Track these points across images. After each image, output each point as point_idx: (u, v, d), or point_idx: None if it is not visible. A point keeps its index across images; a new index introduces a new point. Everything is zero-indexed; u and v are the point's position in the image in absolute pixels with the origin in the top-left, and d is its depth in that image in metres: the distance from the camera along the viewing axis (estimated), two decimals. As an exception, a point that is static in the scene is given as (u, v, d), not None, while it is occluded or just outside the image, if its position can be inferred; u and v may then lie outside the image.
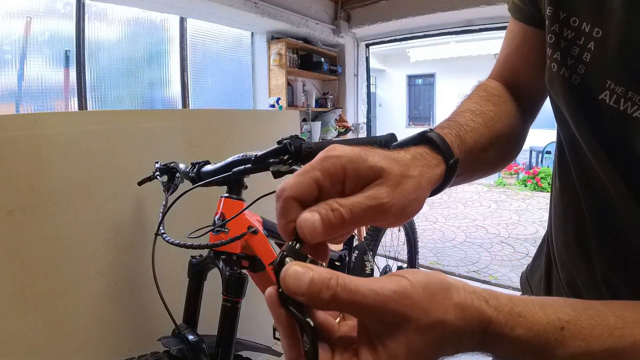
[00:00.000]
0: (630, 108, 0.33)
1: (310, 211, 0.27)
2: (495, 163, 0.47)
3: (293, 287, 0.24)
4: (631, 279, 0.38)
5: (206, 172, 0.99)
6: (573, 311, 0.27)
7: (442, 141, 0.35)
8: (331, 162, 0.28)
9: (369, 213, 0.28)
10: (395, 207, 0.29)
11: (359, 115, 5.02)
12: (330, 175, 0.28)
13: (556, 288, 0.50)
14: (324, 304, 0.23)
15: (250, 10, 3.31)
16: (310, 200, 0.28)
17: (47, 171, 1.13)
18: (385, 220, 0.29)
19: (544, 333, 0.26)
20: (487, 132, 0.42)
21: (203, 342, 0.95)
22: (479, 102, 0.46)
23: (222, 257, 0.98)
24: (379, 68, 10.05)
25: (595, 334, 0.26)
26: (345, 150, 0.29)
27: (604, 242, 0.40)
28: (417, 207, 0.31)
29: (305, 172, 0.28)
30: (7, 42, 2.29)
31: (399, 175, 0.30)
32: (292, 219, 0.28)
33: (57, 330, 1.15)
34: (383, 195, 0.28)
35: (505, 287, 2.72)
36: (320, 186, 0.28)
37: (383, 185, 0.29)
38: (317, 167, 0.28)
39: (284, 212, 0.28)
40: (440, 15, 3.85)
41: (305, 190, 0.28)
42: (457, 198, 5.72)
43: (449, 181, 0.36)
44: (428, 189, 0.33)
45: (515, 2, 0.49)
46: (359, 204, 0.28)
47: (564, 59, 0.39)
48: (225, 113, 1.96)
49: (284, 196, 0.28)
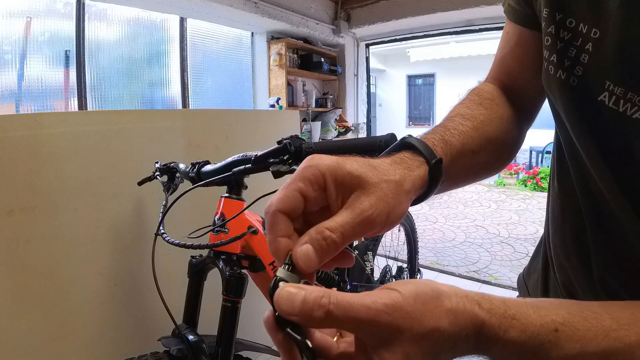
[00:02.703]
0: (630, 109, 0.32)
1: (303, 243, 0.27)
2: (488, 166, 0.47)
3: (286, 308, 0.24)
4: (628, 281, 0.38)
5: (206, 172, 0.99)
6: (567, 313, 0.27)
7: (421, 144, 0.36)
8: (310, 171, 0.29)
9: (357, 230, 0.28)
10: (379, 217, 0.29)
11: (359, 115, 5.02)
12: (312, 183, 0.29)
13: (553, 289, 0.50)
14: (318, 322, 0.24)
15: (250, 10, 3.31)
16: (298, 212, 0.29)
17: (47, 171, 1.13)
18: (372, 230, 0.30)
19: (538, 335, 0.26)
20: (476, 135, 0.43)
21: (203, 342, 0.95)
22: (470, 106, 0.46)
23: (222, 257, 0.98)
24: (379, 68, 10.04)
25: (590, 335, 0.26)
26: (322, 158, 0.30)
27: (601, 244, 0.40)
28: (401, 211, 0.31)
29: (288, 184, 0.29)
30: (7, 42, 2.29)
31: (377, 182, 0.30)
32: (280, 233, 0.28)
33: (57, 330, 1.15)
34: (366, 208, 0.29)
35: (505, 287, 2.72)
36: (305, 196, 0.29)
37: (363, 196, 0.29)
38: (298, 178, 0.29)
39: (272, 226, 0.28)
40: (440, 15, 3.85)
41: (292, 202, 0.28)
42: (457, 198, 5.72)
43: (436, 183, 0.35)
44: (412, 192, 0.33)
45: (511, 3, 0.49)
46: (348, 224, 0.28)
47: (561, 60, 0.38)
48: (225, 113, 1.96)
49: (271, 211, 0.28)
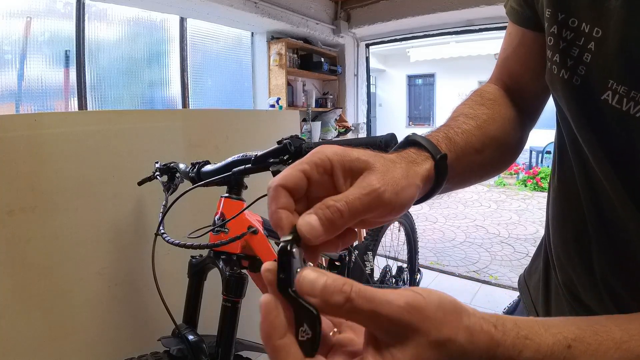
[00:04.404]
0: (633, 108, 0.33)
1: (307, 214, 0.27)
2: (492, 165, 0.48)
3: (307, 287, 0.24)
4: (630, 281, 0.38)
5: (206, 172, 0.99)
6: (578, 329, 0.27)
7: (426, 141, 0.37)
8: (317, 155, 0.30)
9: (364, 202, 0.28)
10: (388, 193, 0.29)
11: (359, 115, 5.02)
12: (317, 166, 0.29)
13: (554, 289, 0.50)
14: (337, 307, 0.23)
15: (250, 10, 3.31)
16: (300, 191, 0.29)
17: (47, 171, 1.13)
18: (381, 209, 0.30)
19: (552, 354, 0.25)
20: (479, 134, 0.43)
21: (203, 342, 0.95)
22: (473, 106, 0.47)
23: (222, 257, 0.98)
24: (379, 68, 10.04)
25: (602, 349, 0.26)
26: (331, 146, 0.30)
27: (603, 244, 0.40)
28: (410, 195, 0.32)
29: (292, 165, 0.29)
30: (7, 42, 2.29)
31: (385, 164, 0.31)
32: (282, 205, 0.28)
33: (57, 330, 1.15)
34: (374, 182, 0.29)
35: (505, 287, 2.72)
36: (308, 177, 0.29)
37: (372, 174, 0.29)
38: (303, 161, 0.29)
39: (273, 199, 0.28)
40: (440, 15, 3.85)
41: (294, 180, 0.29)
42: (457, 198, 5.72)
43: (442, 179, 0.36)
44: (420, 182, 0.33)
45: (513, 5, 0.49)
46: (353, 194, 0.28)
47: (564, 60, 0.39)
48: (225, 113, 1.96)
49: (273, 185, 0.29)
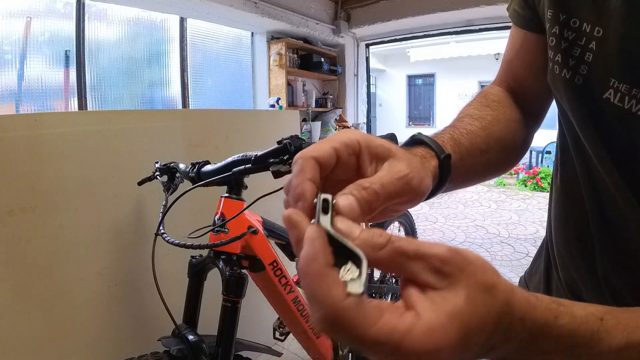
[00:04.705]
0: (635, 106, 0.33)
1: (342, 194, 0.26)
2: (497, 166, 0.48)
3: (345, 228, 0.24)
4: (632, 280, 0.38)
5: (206, 172, 0.99)
6: (604, 307, 0.27)
7: (431, 141, 0.38)
8: (346, 135, 0.29)
9: (397, 186, 0.28)
10: (415, 180, 0.30)
11: (359, 115, 5.02)
12: (347, 146, 0.29)
13: (556, 289, 0.50)
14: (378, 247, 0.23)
15: (250, 10, 3.31)
16: (328, 168, 0.28)
17: (47, 171, 1.13)
18: (408, 195, 0.30)
19: (587, 322, 0.25)
20: (484, 135, 0.44)
21: (203, 342, 0.95)
22: (478, 107, 0.48)
23: (222, 257, 0.98)
24: (379, 68, 10.04)
25: (633, 325, 0.26)
26: (355, 130, 0.31)
27: (606, 243, 0.40)
28: (427, 184, 0.32)
29: (323, 141, 0.29)
30: (7, 42, 2.29)
31: (405, 153, 0.31)
32: (309, 176, 0.26)
33: (57, 330, 1.15)
34: (403, 168, 0.29)
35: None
36: (338, 155, 0.28)
37: (398, 160, 0.30)
38: (334, 139, 0.29)
39: (303, 169, 0.27)
40: (440, 15, 3.85)
41: (326, 154, 0.27)
42: (457, 198, 5.71)
43: (446, 177, 0.37)
44: (431, 174, 0.35)
45: (515, 8, 0.50)
46: (386, 178, 0.28)
47: (566, 60, 0.39)
48: (225, 113, 1.95)
49: (304, 156, 0.27)
